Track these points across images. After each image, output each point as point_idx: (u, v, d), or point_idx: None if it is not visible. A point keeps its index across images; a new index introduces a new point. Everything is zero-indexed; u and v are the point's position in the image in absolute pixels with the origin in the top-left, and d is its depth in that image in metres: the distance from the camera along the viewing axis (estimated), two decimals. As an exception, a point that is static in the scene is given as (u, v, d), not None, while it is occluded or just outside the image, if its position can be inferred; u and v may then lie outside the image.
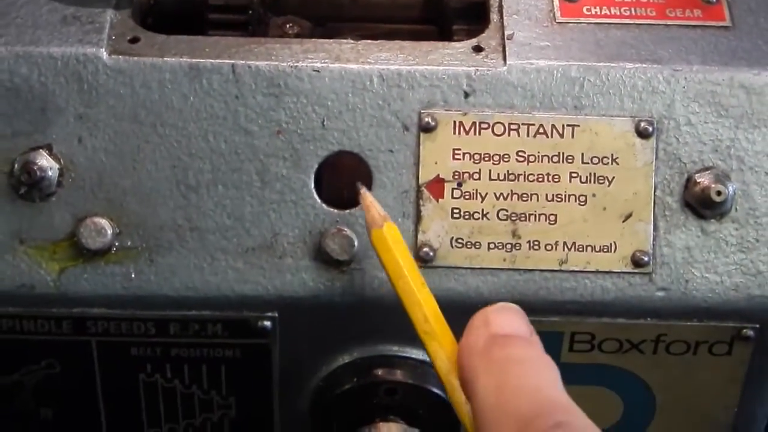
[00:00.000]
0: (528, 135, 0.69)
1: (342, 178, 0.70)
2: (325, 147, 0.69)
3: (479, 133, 0.69)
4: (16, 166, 0.68)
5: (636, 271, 0.69)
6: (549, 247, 0.69)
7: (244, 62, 0.69)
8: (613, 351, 0.71)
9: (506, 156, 0.69)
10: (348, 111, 0.69)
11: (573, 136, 0.69)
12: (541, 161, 0.69)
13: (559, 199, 0.69)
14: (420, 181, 0.69)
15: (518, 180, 0.69)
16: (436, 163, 0.69)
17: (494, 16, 0.72)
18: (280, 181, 0.69)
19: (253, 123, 0.69)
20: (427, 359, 0.71)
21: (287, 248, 0.69)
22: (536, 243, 0.69)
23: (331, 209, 0.69)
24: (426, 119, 0.68)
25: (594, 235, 0.69)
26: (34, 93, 0.68)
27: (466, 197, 0.69)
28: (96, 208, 0.69)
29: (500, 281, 0.69)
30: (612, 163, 0.69)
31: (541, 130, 0.69)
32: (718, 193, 0.68)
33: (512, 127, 0.69)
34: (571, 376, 0.72)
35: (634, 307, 0.69)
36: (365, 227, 0.65)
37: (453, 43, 0.71)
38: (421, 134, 0.69)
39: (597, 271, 0.69)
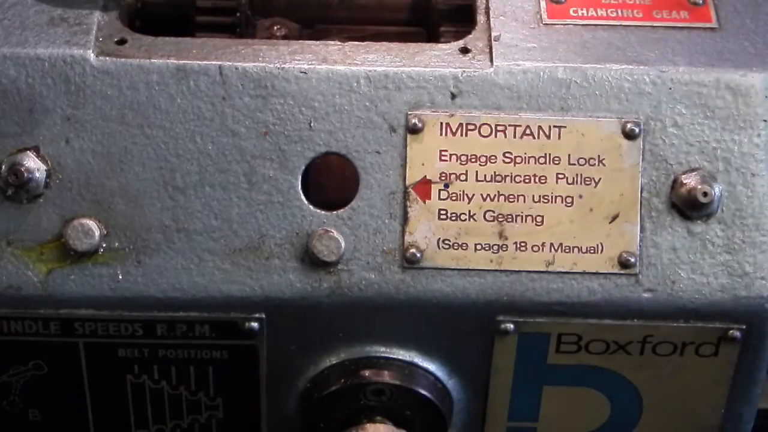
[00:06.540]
0: (515, 136, 0.69)
1: (329, 180, 0.70)
2: (312, 148, 0.69)
3: (466, 135, 0.69)
4: (3, 167, 0.68)
5: (623, 272, 0.69)
6: (536, 248, 0.69)
7: (231, 64, 0.69)
8: (599, 352, 0.71)
9: (493, 157, 0.69)
10: (335, 112, 0.69)
11: (559, 137, 0.69)
12: (528, 162, 0.69)
13: (545, 200, 0.69)
14: (407, 183, 0.69)
15: (505, 181, 0.69)
16: (423, 164, 0.69)
17: (481, 18, 0.72)
18: (268, 182, 0.69)
19: (240, 124, 0.69)
20: (414, 360, 0.72)
21: (274, 249, 0.69)
22: (523, 244, 0.69)
23: (318, 210, 0.69)
24: (413, 120, 0.68)
25: (581, 236, 0.69)
26: (22, 94, 0.68)
27: (453, 198, 0.69)
28: (83, 209, 0.69)
29: (487, 282, 0.69)
30: (598, 165, 0.69)
31: (527, 132, 0.69)
32: (705, 194, 0.68)
33: (499, 128, 0.69)
34: (557, 378, 0.72)
35: (620, 308, 0.69)
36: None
37: (440, 45, 0.71)
38: (408, 135, 0.69)
39: (584, 272, 0.69)
